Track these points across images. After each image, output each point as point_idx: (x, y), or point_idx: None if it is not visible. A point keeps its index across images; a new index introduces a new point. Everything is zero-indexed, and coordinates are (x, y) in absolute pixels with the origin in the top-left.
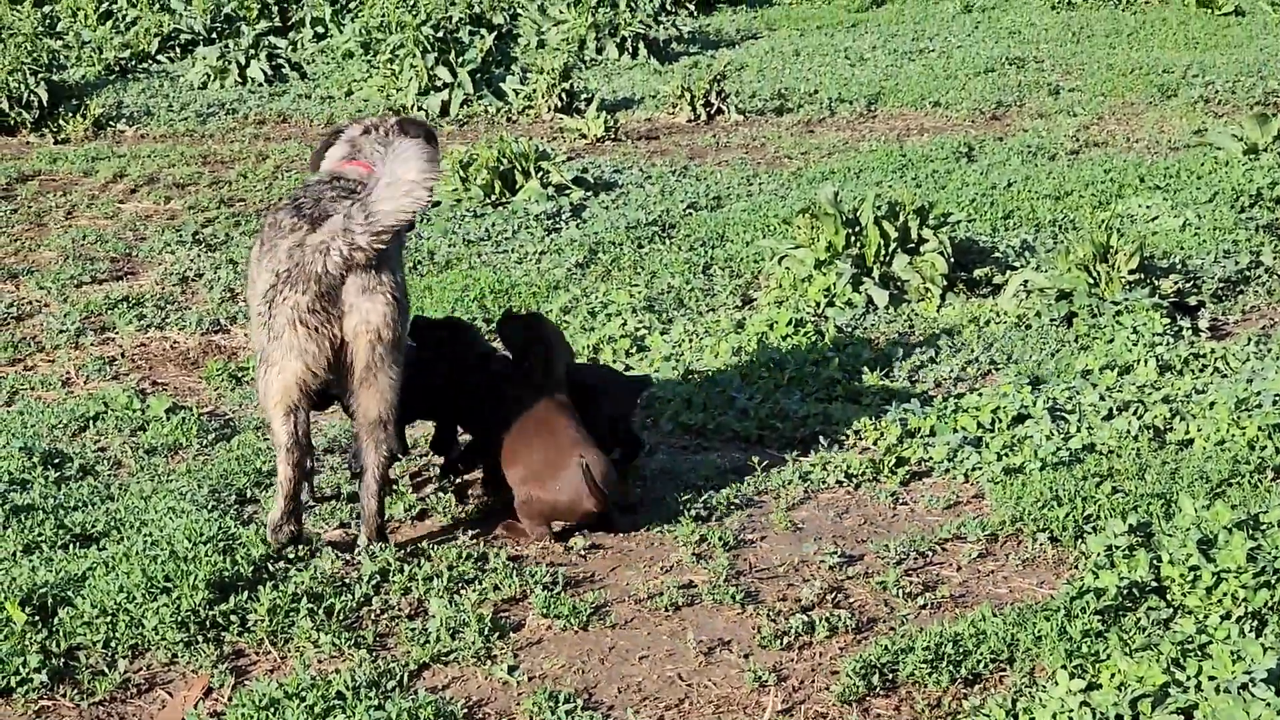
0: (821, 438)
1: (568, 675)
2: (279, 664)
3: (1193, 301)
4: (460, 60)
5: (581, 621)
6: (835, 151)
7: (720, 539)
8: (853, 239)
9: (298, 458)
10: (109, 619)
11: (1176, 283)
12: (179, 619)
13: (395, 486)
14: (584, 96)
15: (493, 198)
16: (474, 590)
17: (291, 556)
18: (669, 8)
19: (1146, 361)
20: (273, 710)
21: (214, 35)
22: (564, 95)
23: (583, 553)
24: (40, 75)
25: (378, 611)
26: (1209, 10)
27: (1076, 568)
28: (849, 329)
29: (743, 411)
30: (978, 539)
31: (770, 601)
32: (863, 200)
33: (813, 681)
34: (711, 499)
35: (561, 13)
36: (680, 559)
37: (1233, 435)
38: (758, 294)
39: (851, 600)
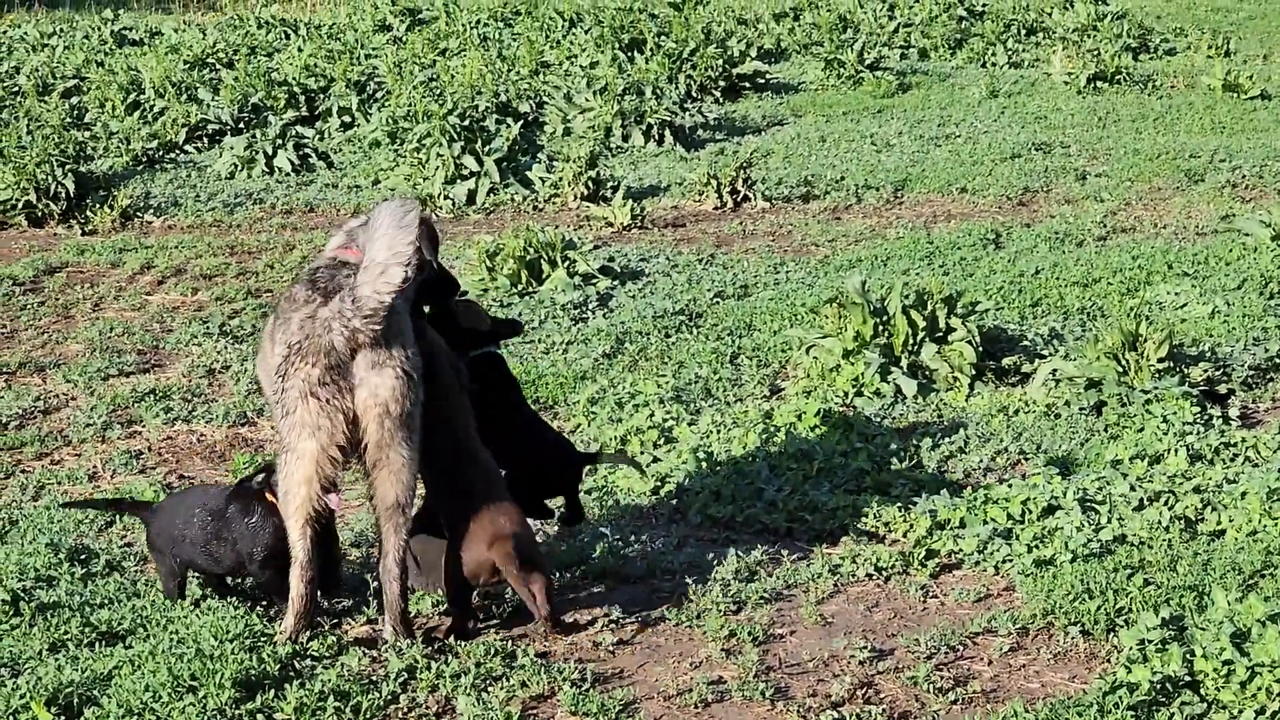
0: (851, 530)
1: None
2: None
3: (1223, 390)
4: (486, 149)
5: (611, 719)
6: (862, 239)
7: (749, 634)
8: (880, 328)
9: (312, 575)
10: (135, 719)
11: (1206, 371)
12: (206, 718)
13: None
14: (610, 184)
15: (519, 287)
16: (502, 688)
17: (318, 654)
18: (694, 95)
19: (1177, 451)
20: None
21: (241, 125)
22: (590, 183)
23: (611, 648)
24: (68, 166)
25: (405, 709)
26: (1235, 95)
27: (1109, 661)
28: (877, 419)
29: (771, 503)
30: (1009, 632)
31: (800, 697)
32: (890, 289)
33: None
34: (740, 592)
35: (587, 100)
36: (709, 654)
37: (1265, 526)
38: (785, 384)
39: (883, 696)
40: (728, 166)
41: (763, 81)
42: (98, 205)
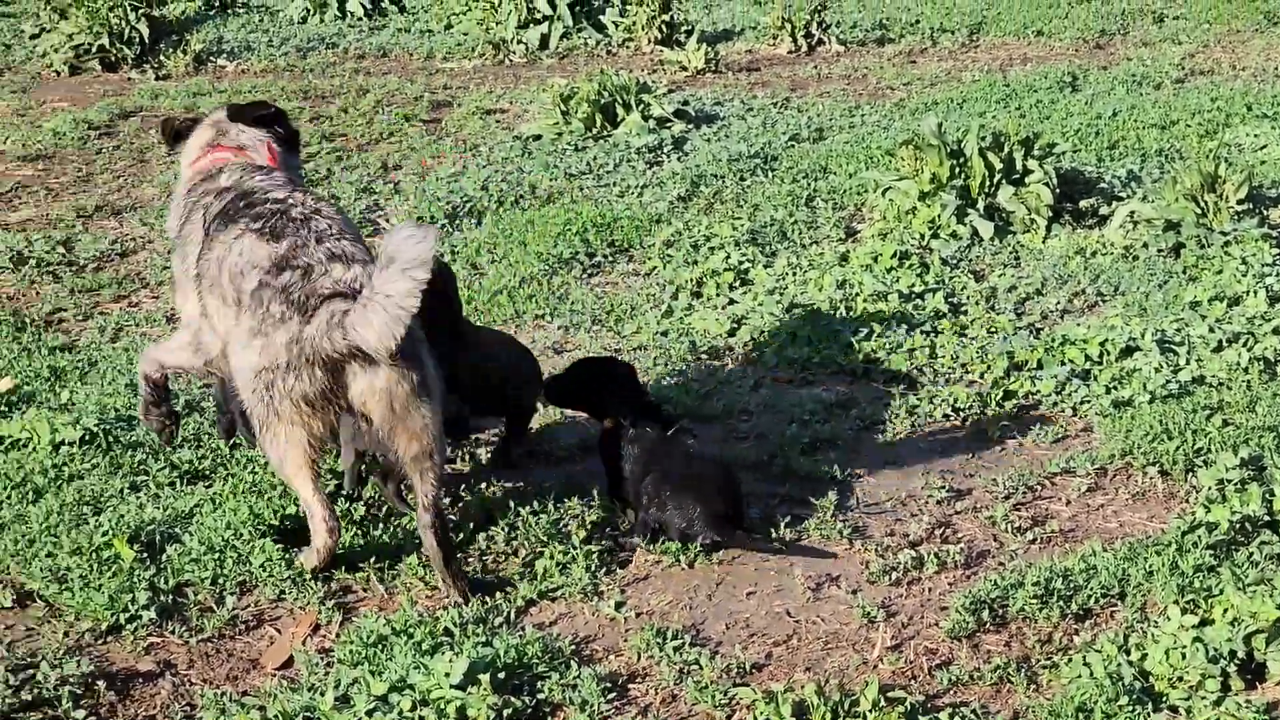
0: (927, 371)
1: (675, 611)
2: (386, 601)
3: None
4: None
5: (688, 558)
6: (938, 82)
7: (826, 473)
8: (957, 170)
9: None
10: (216, 556)
11: None
12: (286, 556)
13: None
14: (684, 28)
15: (593, 131)
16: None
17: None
18: None
19: (1256, 292)
20: (380, 647)
21: None
22: (664, 27)
23: None
24: (141, 11)
25: (484, 549)
26: None
27: (1187, 502)
28: (954, 261)
29: (848, 345)
30: (1087, 473)
31: (878, 537)
32: (966, 131)
33: (922, 617)
34: (818, 433)
35: None
36: (787, 492)
37: None
38: (861, 226)
39: (960, 535)
40: (802, 10)
41: None
42: (171, 50)
